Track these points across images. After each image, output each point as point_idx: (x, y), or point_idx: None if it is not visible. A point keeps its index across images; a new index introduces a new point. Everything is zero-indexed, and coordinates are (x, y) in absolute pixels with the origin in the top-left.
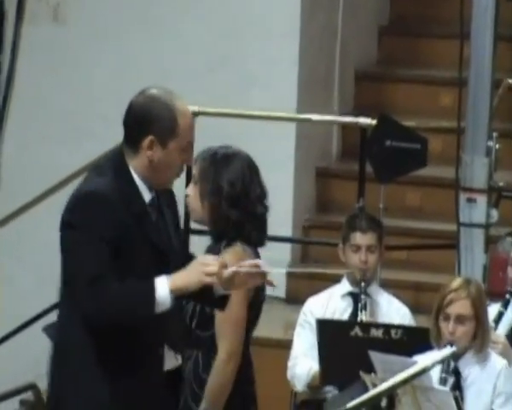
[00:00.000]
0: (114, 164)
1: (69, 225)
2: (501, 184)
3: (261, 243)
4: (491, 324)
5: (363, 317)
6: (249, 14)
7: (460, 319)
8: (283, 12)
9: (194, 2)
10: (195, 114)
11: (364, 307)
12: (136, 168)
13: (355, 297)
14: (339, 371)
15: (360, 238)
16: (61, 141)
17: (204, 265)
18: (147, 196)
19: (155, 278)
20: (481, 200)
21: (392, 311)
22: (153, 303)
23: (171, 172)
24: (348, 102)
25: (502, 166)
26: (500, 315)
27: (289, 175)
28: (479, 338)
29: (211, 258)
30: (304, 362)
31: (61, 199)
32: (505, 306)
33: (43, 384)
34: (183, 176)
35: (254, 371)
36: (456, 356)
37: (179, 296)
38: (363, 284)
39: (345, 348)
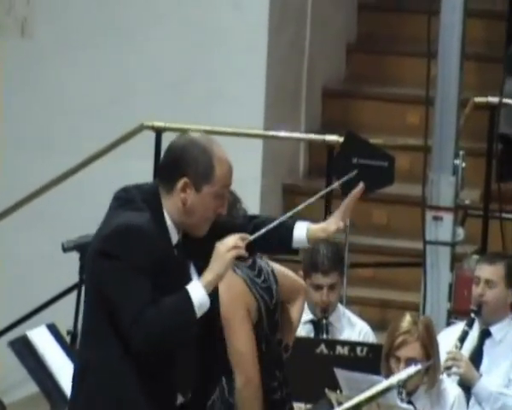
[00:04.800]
0: (149, 202)
1: (106, 254)
2: (467, 202)
3: None
4: (457, 343)
5: None
6: (216, 30)
7: (411, 362)
8: (251, 28)
9: (160, 16)
10: (161, 130)
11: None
12: (168, 209)
13: (316, 325)
14: (304, 388)
15: (322, 279)
16: (30, 154)
17: (224, 245)
18: (174, 237)
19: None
20: (447, 218)
21: (355, 334)
22: (192, 308)
23: (202, 217)
24: (315, 119)
25: (468, 184)
26: (465, 334)
27: (256, 192)
28: (430, 374)
29: (229, 238)
30: None
31: (29, 213)
32: (470, 325)
33: (8, 400)
34: None
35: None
36: (408, 393)
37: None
38: (324, 321)
39: (310, 365)
